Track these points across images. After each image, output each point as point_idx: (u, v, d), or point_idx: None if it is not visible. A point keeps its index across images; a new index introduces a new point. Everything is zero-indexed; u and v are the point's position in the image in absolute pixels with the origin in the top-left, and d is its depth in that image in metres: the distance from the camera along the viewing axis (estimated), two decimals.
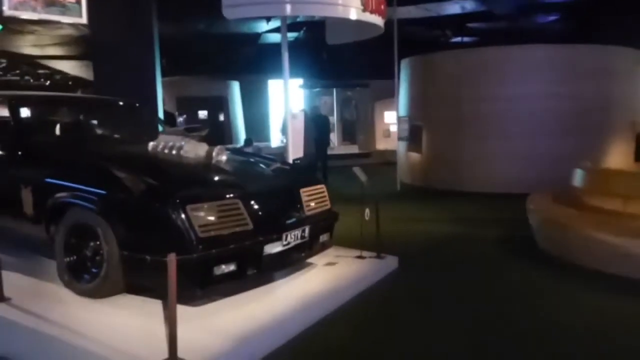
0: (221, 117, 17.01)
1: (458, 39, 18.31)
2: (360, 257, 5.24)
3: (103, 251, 3.76)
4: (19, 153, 4.49)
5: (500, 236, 6.90)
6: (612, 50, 10.58)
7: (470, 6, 15.19)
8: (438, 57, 11.61)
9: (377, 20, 7.10)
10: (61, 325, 3.46)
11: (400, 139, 11.80)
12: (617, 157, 10.04)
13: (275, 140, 17.33)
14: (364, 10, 6.69)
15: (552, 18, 17.07)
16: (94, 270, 3.88)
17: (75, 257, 4.01)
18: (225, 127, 16.44)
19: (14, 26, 12.10)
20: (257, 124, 18.47)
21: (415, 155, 11.71)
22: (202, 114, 16.55)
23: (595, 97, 10.06)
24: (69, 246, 4.01)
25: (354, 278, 4.76)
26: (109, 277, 3.78)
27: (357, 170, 5.47)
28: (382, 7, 7.14)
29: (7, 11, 5.81)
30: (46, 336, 3.38)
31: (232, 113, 17.70)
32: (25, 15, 6.03)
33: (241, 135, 18.18)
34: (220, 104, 17.23)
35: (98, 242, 3.81)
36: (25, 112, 5.01)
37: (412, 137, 11.61)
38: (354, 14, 6.62)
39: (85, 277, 3.93)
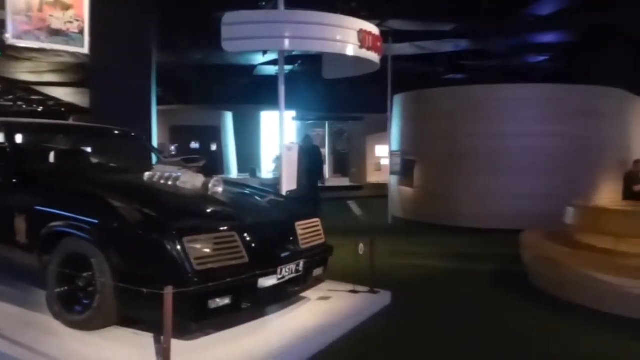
0: (213, 147, 17.02)
1: (451, 75, 18.65)
2: (353, 291, 5.21)
3: (96, 282, 3.71)
4: (14, 180, 4.46)
5: (493, 272, 6.90)
6: (602, 91, 10.82)
7: (463, 45, 15.53)
8: (431, 93, 11.79)
9: (374, 56, 7.23)
10: (50, 357, 3.40)
11: (392, 173, 11.88)
12: (606, 195, 10.16)
13: (267, 171, 17.36)
14: (361, 46, 6.82)
15: (542, 58, 17.48)
16: (85, 301, 3.82)
17: (67, 288, 3.95)
18: (217, 158, 16.46)
19: (12, 53, 12.18)
20: (249, 155, 18.52)
21: (407, 190, 11.77)
22: (195, 144, 16.57)
23: (585, 135, 10.24)
24: (62, 276, 3.95)
25: (348, 313, 4.72)
26: (102, 309, 3.73)
27: (352, 204, 5.49)
28: (379, 44, 7.28)
29: (11, 39, 5.85)
30: None
31: (224, 143, 17.75)
32: (29, 44, 6.07)
33: (232, 166, 18.19)
34: (212, 134, 17.28)
35: (92, 273, 3.76)
36: (21, 139, 4.99)
37: (404, 171, 11.69)
38: (351, 50, 6.74)
39: (77, 308, 3.87)
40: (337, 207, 7.77)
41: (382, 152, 17.89)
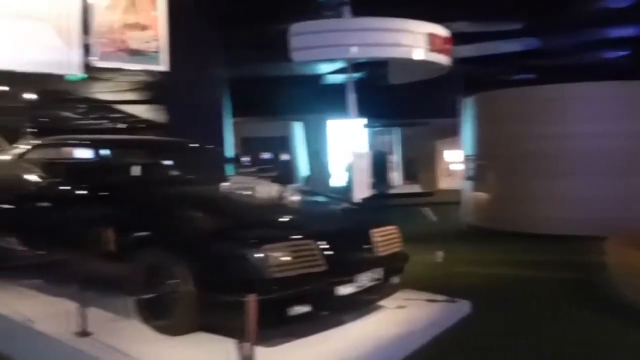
0: (284, 157, 17.32)
1: (521, 75, 18.01)
2: (431, 300, 5.09)
3: (179, 290, 3.83)
4: (100, 193, 4.69)
5: (573, 280, 6.57)
6: None
7: (532, 43, 14.96)
8: (501, 95, 11.42)
9: (443, 59, 7.13)
10: None
11: (465, 178, 11.59)
12: None
13: (337, 179, 17.39)
14: (430, 50, 6.74)
15: (620, 53, 16.55)
16: (170, 307, 3.95)
17: (152, 295, 4.09)
18: (288, 167, 16.72)
19: (95, 74, 12.92)
20: (318, 164, 18.65)
21: (480, 195, 11.43)
22: (266, 154, 16.91)
23: None
24: (147, 284, 4.11)
25: (426, 322, 4.62)
26: (185, 315, 3.84)
27: (426, 211, 5.40)
28: (448, 46, 7.17)
29: (97, 61, 6.22)
30: None
31: (294, 153, 18.00)
32: (112, 64, 6.43)
33: (303, 174, 18.36)
34: (283, 144, 17.57)
35: (174, 281, 3.89)
36: (105, 155, 5.27)
37: (478, 176, 11.38)
38: (419, 54, 6.68)
39: (162, 314, 4.00)
40: (409, 214, 7.67)
41: (453, 157, 17.53)
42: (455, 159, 17.11)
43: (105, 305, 4.54)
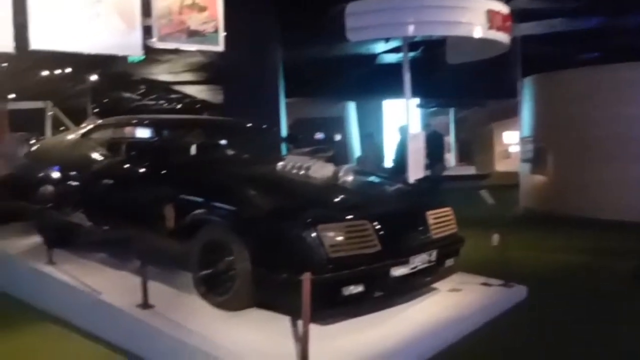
0: (338, 138, 17.28)
1: (585, 55, 17.17)
2: (486, 284, 5.01)
3: (236, 267, 3.93)
4: (162, 172, 4.83)
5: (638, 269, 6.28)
6: None
7: (598, 21, 14.20)
8: (565, 75, 10.94)
9: (503, 37, 6.89)
10: (199, 334, 3.66)
11: (523, 160, 11.25)
12: None
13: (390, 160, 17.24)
14: (490, 27, 6.52)
15: None
16: (227, 284, 4.05)
17: (210, 271, 4.20)
18: (341, 148, 16.69)
19: (153, 55, 13.27)
20: (371, 144, 18.51)
21: (539, 179, 11.08)
22: (319, 134, 16.92)
23: None
24: (205, 260, 4.22)
25: (480, 306, 4.56)
26: (241, 292, 3.94)
27: (483, 193, 5.29)
28: (508, 23, 6.93)
29: (157, 43, 6.37)
30: (185, 344, 3.59)
31: (348, 133, 17.94)
32: (171, 45, 6.57)
33: (357, 155, 18.30)
34: (336, 124, 17.53)
35: (232, 258, 3.98)
36: (166, 134, 5.42)
37: (536, 158, 11.01)
38: (478, 32, 6.48)
39: (219, 290, 4.11)
40: (464, 196, 7.51)
41: (511, 139, 17.04)
42: (512, 140, 16.63)
43: (166, 279, 4.72)
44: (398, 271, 3.92)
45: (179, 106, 26.61)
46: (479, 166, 18.79)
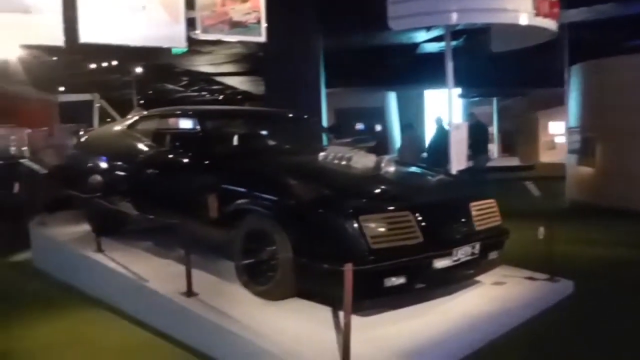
0: (378, 128, 17.21)
1: (635, 42, 16.46)
2: (531, 278, 4.90)
3: (278, 256, 3.96)
4: (206, 162, 4.89)
5: None
6: None
7: None
8: (614, 62, 10.52)
9: (550, 24, 6.69)
10: (241, 322, 3.72)
11: (570, 151, 10.93)
12: None
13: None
14: (536, 14, 6.34)
15: None
16: (269, 273, 4.09)
17: (252, 260, 4.26)
18: (382, 138, 16.60)
19: (196, 47, 13.46)
20: (411, 135, 18.32)
21: (586, 170, 10.74)
22: (360, 125, 16.87)
23: None
24: (247, 249, 4.28)
25: (525, 301, 4.46)
26: (283, 281, 3.97)
27: (529, 185, 5.16)
28: (555, 10, 6.72)
29: (200, 34, 6.46)
30: (228, 331, 3.65)
31: (388, 123, 17.82)
32: (214, 36, 6.64)
33: (397, 145, 18.17)
34: (377, 114, 17.43)
35: (274, 247, 4.01)
36: (209, 125, 5.49)
37: (584, 149, 10.67)
38: (524, 19, 6.31)
39: (261, 279, 4.16)
40: (507, 188, 7.36)
41: (556, 130, 16.56)
42: (558, 131, 16.16)
43: (209, 268, 4.80)
44: (440, 263, 3.87)
45: (220, 97, 26.97)
46: (523, 157, 18.37)
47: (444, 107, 7.42)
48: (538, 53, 9.16)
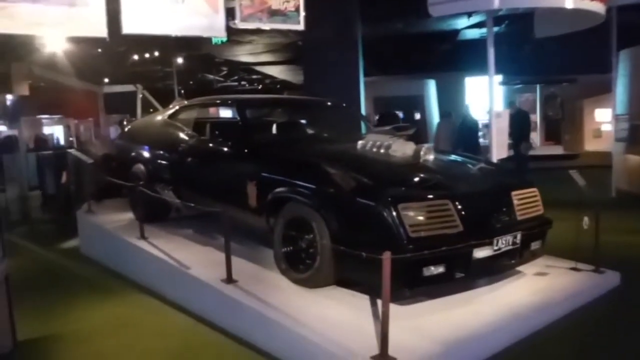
0: (417, 116, 16.93)
1: None
2: (575, 269, 4.78)
3: (317, 244, 3.97)
4: (245, 150, 4.93)
5: None
6: None
7: None
8: None
9: (598, 7, 6.45)
10: (280, 309, 3.76)
11: (617, 139, 10.55)
12: None
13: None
14: None
15: None
16: (308, 261, 4.12)
17: (291, 248, 4.29)
18: (422, 126, 16.36)
19: (235, 37, 13.55)
20: (448, 124, 18.02)
21: (634, 159, 10.35)
22: (399, 113, 16.64)
23: None
24: (286, 237, 4.31)
25: (568, 292, 4.35)
26: (322, 269, 3.98)
27: (574, 174, 5.01)
28: None
29: (239, 23, 6.49)
30: (267, 318, 3.70)
31: (428, 112, 17.53)
32: (253, 25, 6.66)
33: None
34: (416, 103, 17.16)
35: (312, 235, 4.03)
36: (249, 114, 5.53)
37: (632, 137, 10.29)
38: (570, 3, 6.09)
39: (300, 267, 4.19)
40: (551, 177, 7.16)
41: (603, 117, 15.99)
42: (605, 118, 15.60)
43: (249, 255, 4.87)
44: (481, 253, 3.80)
45: (260, 86, 27.14)
46: (567, 145, 17.83)
47: (484, 95, 7.25)
48: (584, 38, 8.83)
